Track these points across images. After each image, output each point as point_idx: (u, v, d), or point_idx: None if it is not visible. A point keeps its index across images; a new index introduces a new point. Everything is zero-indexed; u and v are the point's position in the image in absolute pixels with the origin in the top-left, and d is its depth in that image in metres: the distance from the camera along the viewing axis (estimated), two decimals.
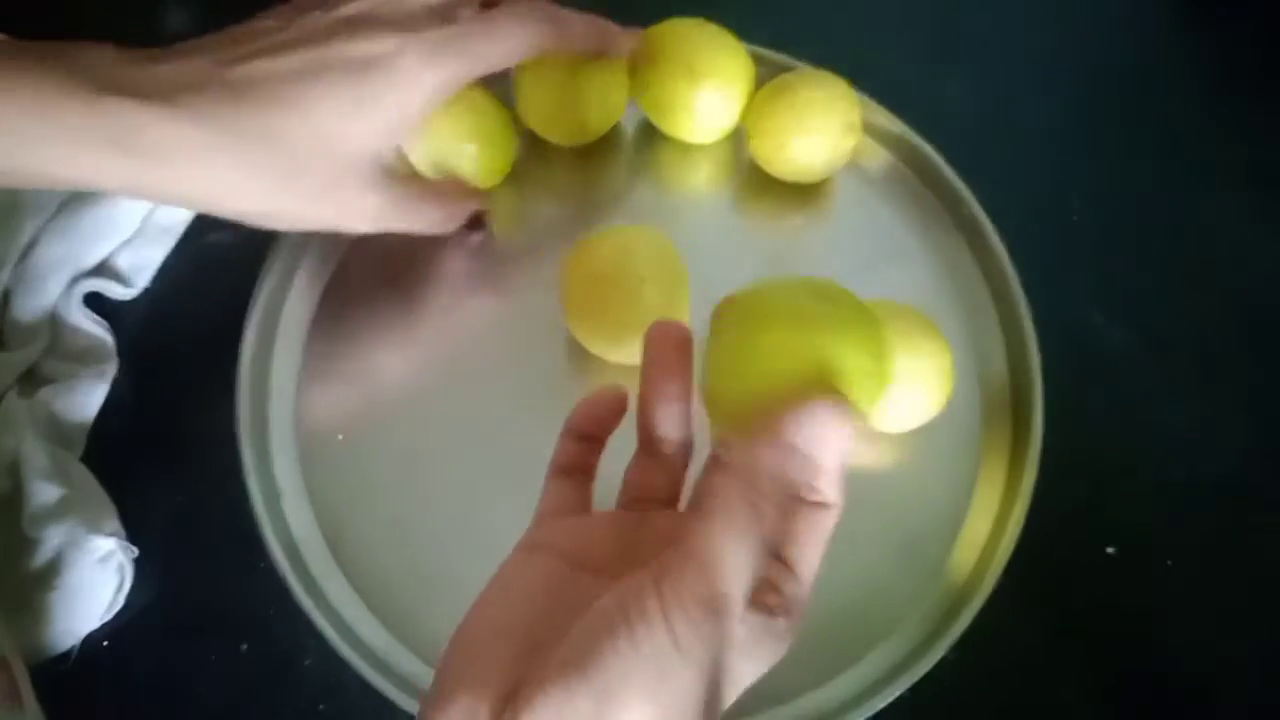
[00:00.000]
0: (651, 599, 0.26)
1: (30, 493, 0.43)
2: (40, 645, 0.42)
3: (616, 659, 0.26)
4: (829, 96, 0.50)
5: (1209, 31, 0.63)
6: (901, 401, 0.45)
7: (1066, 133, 0.58)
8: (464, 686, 0.27)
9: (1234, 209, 0.56)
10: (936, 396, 0.45)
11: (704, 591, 0.26)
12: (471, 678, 0.27)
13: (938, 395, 0.45)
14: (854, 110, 0.51)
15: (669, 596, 0.26)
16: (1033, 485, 0.45)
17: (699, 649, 0.26)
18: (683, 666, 0.26)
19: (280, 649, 0.43)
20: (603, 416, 0.36)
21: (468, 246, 0.52)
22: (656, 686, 0.26)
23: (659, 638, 0.26)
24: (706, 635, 0.26)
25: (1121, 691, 0.44)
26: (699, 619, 0.26)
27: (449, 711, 0.27)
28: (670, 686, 0.26)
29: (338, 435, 0.48)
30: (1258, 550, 0.47)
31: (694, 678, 0.26)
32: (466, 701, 0.27)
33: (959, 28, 0.62)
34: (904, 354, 0.43)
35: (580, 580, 0.30)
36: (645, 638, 0.26)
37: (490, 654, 0.28)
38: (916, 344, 0.44)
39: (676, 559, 0.27)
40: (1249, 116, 0.59)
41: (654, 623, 0.26)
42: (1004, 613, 0.43)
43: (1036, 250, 0.51)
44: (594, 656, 0.26)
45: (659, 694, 0.26)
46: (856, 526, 0.46)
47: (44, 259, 0.49)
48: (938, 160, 0.53)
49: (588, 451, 0.36)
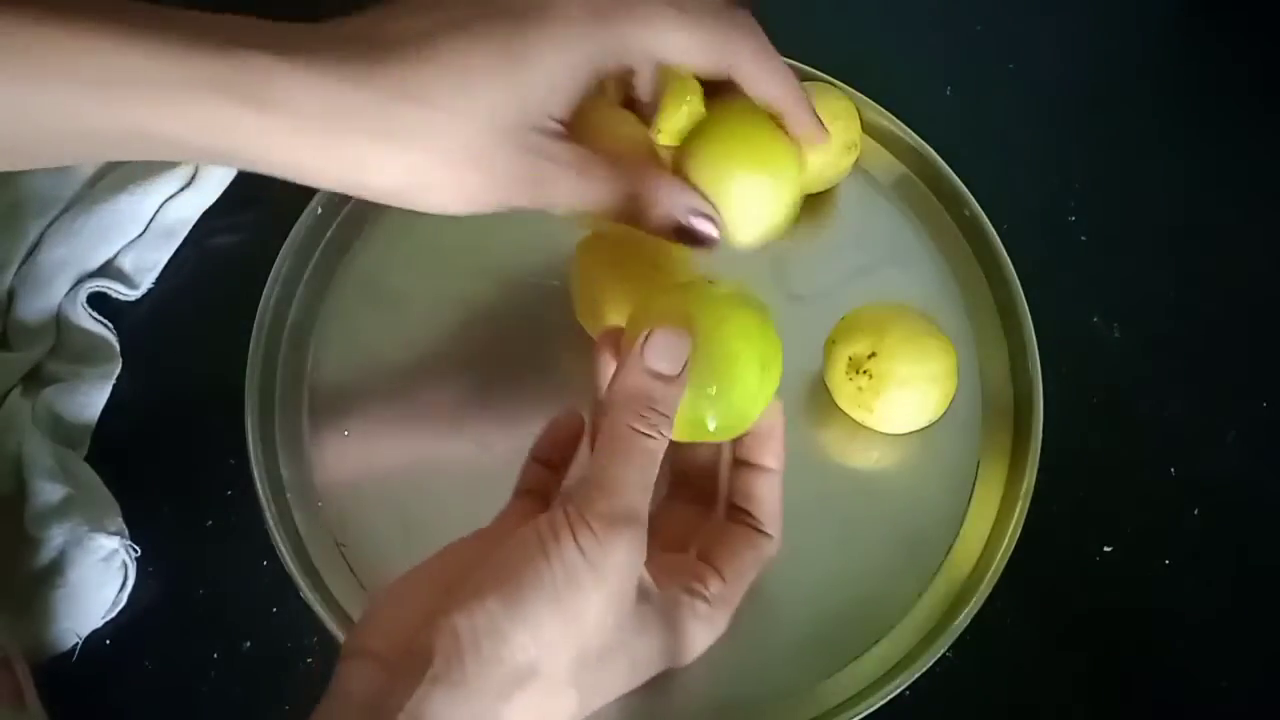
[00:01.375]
0: (561, 521, 0.30)
1: (33, 491, 0.43)
2: (43, 644, 0.42)
3: (531, 571, 0.29)
4: (830, 114, 0.51)
5: (1209, 31, 0.63)
6: (907, 404, 0.45)
7: (1066, 133, 0.58)
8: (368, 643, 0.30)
9: (1234, 209, 0.56)
10: (941, 399, 0.45)
11: (604, 509, 0.30)
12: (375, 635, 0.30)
13: (942, 398, 0.45)
14: (854, 128, 0.51)
15: (573, 515, 0.30)
16: (1033, 485, 0.45)
17: (606, 564, 0.29)
18: (591, 581, 0.29)
19: (283, 648, 0.43)
20: (562, 440, 0.38)
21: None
22: (565, 595, 0.29)
23: (568, 553, 0.29)
24: (611, 550, 0.30)
25: (1120, 690, 0.44)
26: (603, 532, 0.29)
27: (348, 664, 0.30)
28: (578, 597, 0.29)
29: (344, 431, 0.48)
30: (1256, 550, 0.47)
31: (603, 595, 0.30)
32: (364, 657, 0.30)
33: (959, 30, 0.62)
34: (911, 357, 0.44)
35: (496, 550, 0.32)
36: (555, 552, 0.29)
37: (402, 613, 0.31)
38: (923, 346, 0.44)
39: (579, 487, 0.31)
40: (1249, 117, 0.59)
41: (563, 539, 0.29)
42: (1003, 611, 0.43)
43: (1036, 250, 0.51)
44: (509, 571, 0.29)
45: (567, 602, 0.29)
46: (857, 524, 0.46)
47: (49, 260, 0.50)
48: (938, 162, 0.53)
49: (549, 477, 0.38)
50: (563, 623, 0.29)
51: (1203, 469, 0.48)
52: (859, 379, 0.45)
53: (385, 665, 0.29)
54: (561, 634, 0.29)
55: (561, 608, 0.29)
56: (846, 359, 0.45)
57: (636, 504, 0.31)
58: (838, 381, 0.46)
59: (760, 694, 0.42)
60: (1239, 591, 0.46)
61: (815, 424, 0.48)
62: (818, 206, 0.54)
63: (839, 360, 0.46)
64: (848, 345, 0.45)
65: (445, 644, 0.28)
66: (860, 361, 0.45)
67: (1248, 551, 0.47)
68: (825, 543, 0.46)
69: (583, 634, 0.30)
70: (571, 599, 0.29)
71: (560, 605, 0.29)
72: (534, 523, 0.30)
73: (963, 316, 0.51)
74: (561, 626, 0.29)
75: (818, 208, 0.54)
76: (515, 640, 0.28)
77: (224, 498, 0.46)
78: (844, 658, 0.43)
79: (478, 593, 0.29)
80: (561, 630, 0.29)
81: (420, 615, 0.30)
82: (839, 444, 0.48)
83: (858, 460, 0.48)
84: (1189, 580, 0.46)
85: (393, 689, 0.28)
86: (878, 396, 0.45)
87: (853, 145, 0.51)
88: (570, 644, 0.30)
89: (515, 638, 0.28)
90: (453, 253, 0.52)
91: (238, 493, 0.45)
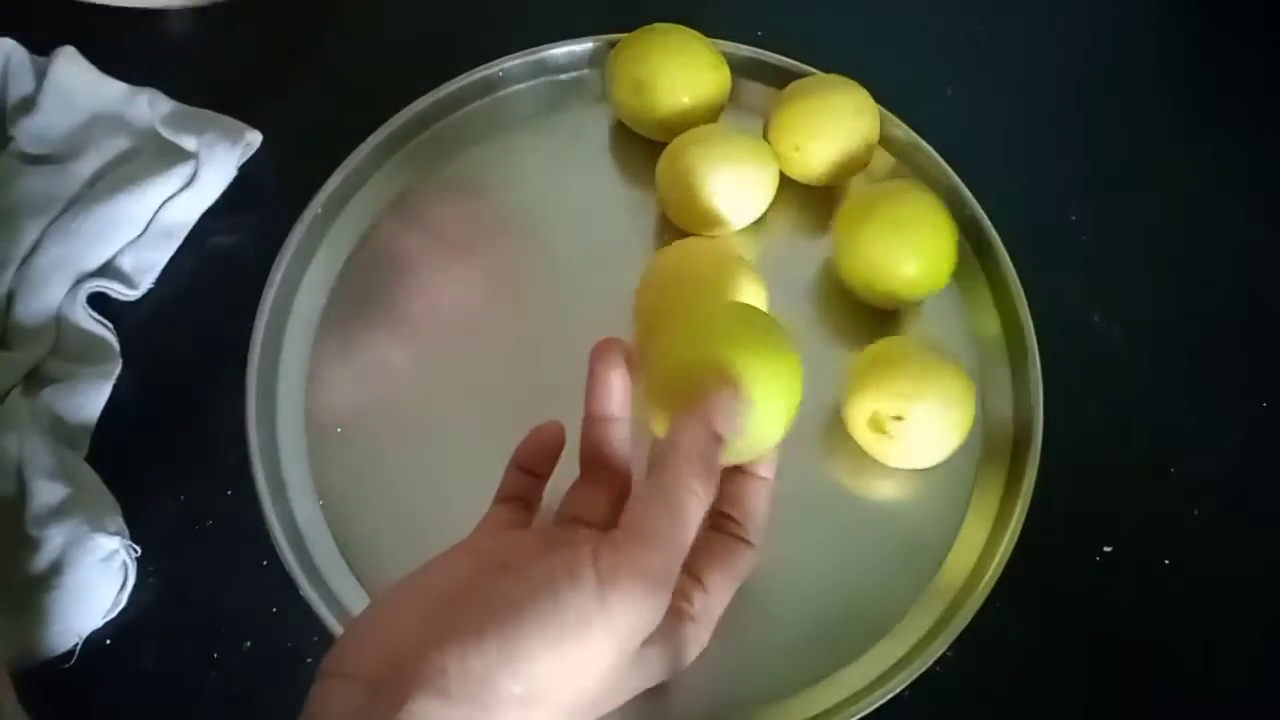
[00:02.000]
0: (587, 567, 0.28)
1: (33, 492, 0.43)
2: (42, 644, 0.42)
3: (534, 614, 0.27)
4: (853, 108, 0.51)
5: (1208, 31, 0.63)
6: (927, 451, 0.44)
7: (1065, 133, 0.58)
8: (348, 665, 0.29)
9: (1233, 209, 0.56)
10: (959, 439, 0.44)
11: (643, 564, 0.28)
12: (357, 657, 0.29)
13: (960, 438, 0.45)
14: (874, 126, 0.51)
15: (605, 565, 0.28)
16: (1033, 485, 0.45)
17: (624, 620, 0.28)
18: (604, 633, 0.27)
19: (283, 648, 0.43)
20: (542, 452, 0.38)
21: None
22: (570, 644, 0.27)
23: (584, 599, 0.27)
24: (636, 609, 0.28)
25: (1120, 690, 0.44)
26: (634, 591, 0.28)
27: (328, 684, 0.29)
28: (584, 648, 0.27)
29: (337, 429, 0.48)
30: (1255, 549, 0.47)
31: (609, 646, 0.28)
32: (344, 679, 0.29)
33: (958, 30, 0.62)
34: (937, 416, 0.43)
35: (495, 577, 0.30)
36: (570, 599, 0.27)
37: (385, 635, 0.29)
38: (948, 403, 0.44)
39: (617, 535, 0.29)
40: (1250, 116, 0.59)
41: (583, 582, 0.27)
42: (1003, 611, 0.43)
43: (1036, 250, 0.51)
44: (510, 610, 0.27)
45: (569, 651, 0.27)
46: (857, 524, 0.46)
47: (48, 260, 0.49)
48: (938, 161, 0.53)
49: (531, 486, 0.38)
50: (564, 670, 0.27)
51: (1203, 469, 0.48)
52: (882, 436, 0.44)
53: (363, 687, 0.28)
54: (561, 679, 0.28)
55: (563, 654, 0.27)
56: (870, 413, 0.44)
57: (675, 565, 0.29)
58: (856, 427, 0.45)
59: (760, 694, 0.42)
60: (1239, 591, 0.46)
61: (814, 435, 0.48)
62: (818, 205, 0.54)
63: (859, 410, 0.44)
64: (872, 400, 0.44)
65: (433, 680, 0.27)
66: (883, 421, 0.43)
67: (1248, 551, 0.47)
68: (825, 542, 0.46)
69: (585, 682, 0.28)
70: (577, 646, 0.27)
71: (562, 652, 0.27)
72: (548, 560, 0.29)
73: (962, 317, 0.51)
74: (563, 674, 0.28)
75: (818, 206, 0.54)
76: (505, 687, 0.27)
77: (224, 498, 0.46)
78: (844, 658, 0.43)
79: (476, 631, 0.27)
80: (561, 676, 0.28)
81: (405, 639, 0.28)
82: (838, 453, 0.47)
83: (858, 465, 0.47)
84: (1189, 580, 0.46)
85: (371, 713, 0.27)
86: (896, 448, 0.44)
87: (870, 142, 0.52)
88: (569, 690, 0.28)
89: (506, 684, 0.27)
90: (451, 253, 0.52)
91: (238, 493, 0.45)
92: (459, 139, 0.56)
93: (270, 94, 0.57)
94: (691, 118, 0.52)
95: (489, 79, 0.56)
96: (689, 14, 0.54)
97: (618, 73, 0.53)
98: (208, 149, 0.52)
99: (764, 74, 0.56)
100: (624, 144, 0.56)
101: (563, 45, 0.57)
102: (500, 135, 0.56)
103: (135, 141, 0.53)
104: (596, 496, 0.36)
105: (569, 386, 0.48)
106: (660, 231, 0.53)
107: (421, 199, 0.54)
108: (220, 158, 0.52)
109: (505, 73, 0.57)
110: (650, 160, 0.54)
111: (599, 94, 0.56)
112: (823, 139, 0.51)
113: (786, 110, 0.51)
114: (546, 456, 0.38)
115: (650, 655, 0.32)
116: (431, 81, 0.56)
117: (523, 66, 0.57)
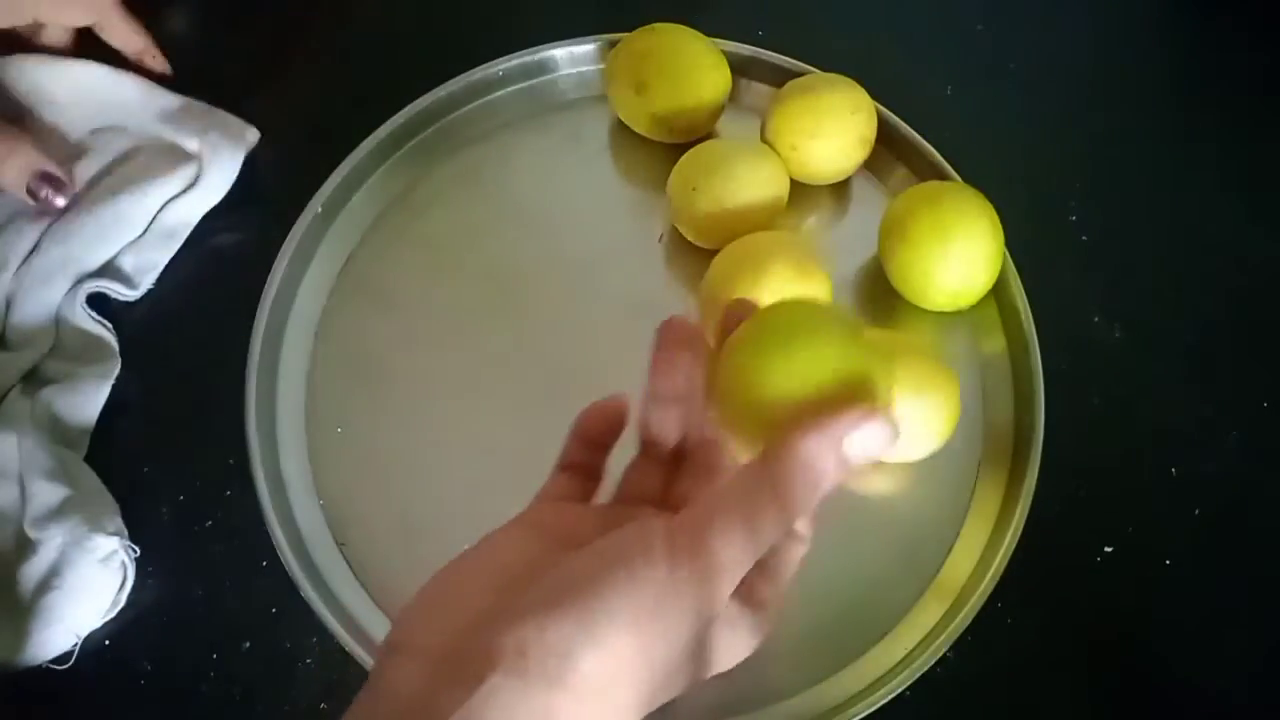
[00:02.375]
0: (660, 540, 0.27)
1: (32, 493, 0.43)
2: (41, 644, 0.42)
3: (612, 590, 0.26)
4: (850, 106, 0.51)
5: (1207, 32, 0.63)
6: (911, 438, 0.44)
7: (1066, 133, 0.58)
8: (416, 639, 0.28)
9: (1234, 209, 0.56)
10: (944, 425, 0.45)
11: (709, 551, 0.27)
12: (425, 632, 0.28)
13: (945, 424, 0.45)
14: (871, 123, 0.52)
15: (679, 542, 0.27)
16: (1034, 485, 0.45)
17: (691, 598, 0.27)
18: (676, 610, 0.27)
19: (282, 648, 0.43)
20: (601, 428, 0.36)
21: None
22: (646, 620, 0.26)
23: (659, 575, 0.27)
24: (699, 589, 0.27)
25: (1120, 690, 0.44)
26: (698, 573, 0.27)
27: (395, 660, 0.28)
28: (660, 624, 0.27)
29: (337, 429, 0.48)
30: (1256, 549, 0.47)
31: (682, 623, 0.27)
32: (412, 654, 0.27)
33: (959, 30, 0.62)
34: (907, 396, 0.43)
35: (559, 555, 0.30)
36: (645, 574, 0.27)
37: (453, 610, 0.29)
38: (918, 383, 0.44)
39: (692, 514, 0.28)
40: (1250, 116, 0.59)
41: (656, 562, 0.27)
42: (1003, 611, 0.43)
43: (1036, 250, 0.51)
44: (587, 586, 0.27)
45: (645, 627, 0.26)
46: (858, 525, 0.46)
47: (48, 260, 0.49)
48: (939, 161, 0.53)
49: (591, 456, 0.36)
50: (641, 647, 0.27)
51: (1203, 469, 0.48)
52: None
53: (432, 663, 0.27)
54: (637, 658, 0.27)
55: (641, 629, 0.26)
56: None
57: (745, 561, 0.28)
58: None
59: (761, 694, 0.42)
60: (1239, 591, 0.46)
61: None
62: (818, 204, 0.54)
63: None
64: None
65: (510, 658, 0.26)
66: None
67: (1248, 551, 0.47)
68: (826, 543, 0.45)
69: (660, 662, 0.27)
70: (654, 621, 0.27)
71: (640, 627, 0.26)
72: (621, 536, 0.28)
73: (964, 317, 0.51)
74: (639, 651, 0.27)
75: (818, 205, 0.54)
76: (586, 665, 0.26)
77: (224, 498, 0.46)
78: (845, 658, 0.43)
79: (554, 605, 0.26)
80: (638, 653, 0.27)
81: (472, 614, 0.28)
82: None
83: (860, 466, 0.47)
84: (1189, 580, 0.46)
85: (443, 690, 0.26)
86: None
87: (867, 140, 0.52)
88: (644, 671, 0.27)
89: (587, 662, 0.26)
90: (451, 253, 0.52)
91: (237, 493, 0.45)
92: (459, 139, 0.56)
93: (271, 94, 0.57)
94: (692, 117, 0.52)
95: (489, 79, 0.56)
96: (689, 14, 0.54)
97: (618, 73, 0.53)
98: (211, 150, 0.52)
99: (764, 74, 0.56)
100: (624, 144, 0.56)
101: (563, 45, 0.57)
102: (500, 135, 0.56)
103: (136, 141, 0.53)
104: (652, 474, 0.35)
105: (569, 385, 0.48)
106: (660, 231, 0.53)
107: (421, 199, 0.54)
108: (224, 159, 0.52)
109: (505, 73, 0.57)
110: (650, 160, 0.54)
111: (599, 94, 0.56)
112: (820, 137, 0.51)
113: (783, 109, 0.51)
114: (610, 428, 0.36)
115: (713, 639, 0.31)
116: (431, 81, 0.56)
117: (523, 66, 0.57)
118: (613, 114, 0.55)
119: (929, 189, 0.49)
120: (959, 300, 0.48)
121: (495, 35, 0.58)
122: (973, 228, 0.47)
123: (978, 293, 0.48)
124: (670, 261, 0.52)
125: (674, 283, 0.52)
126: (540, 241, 0.53)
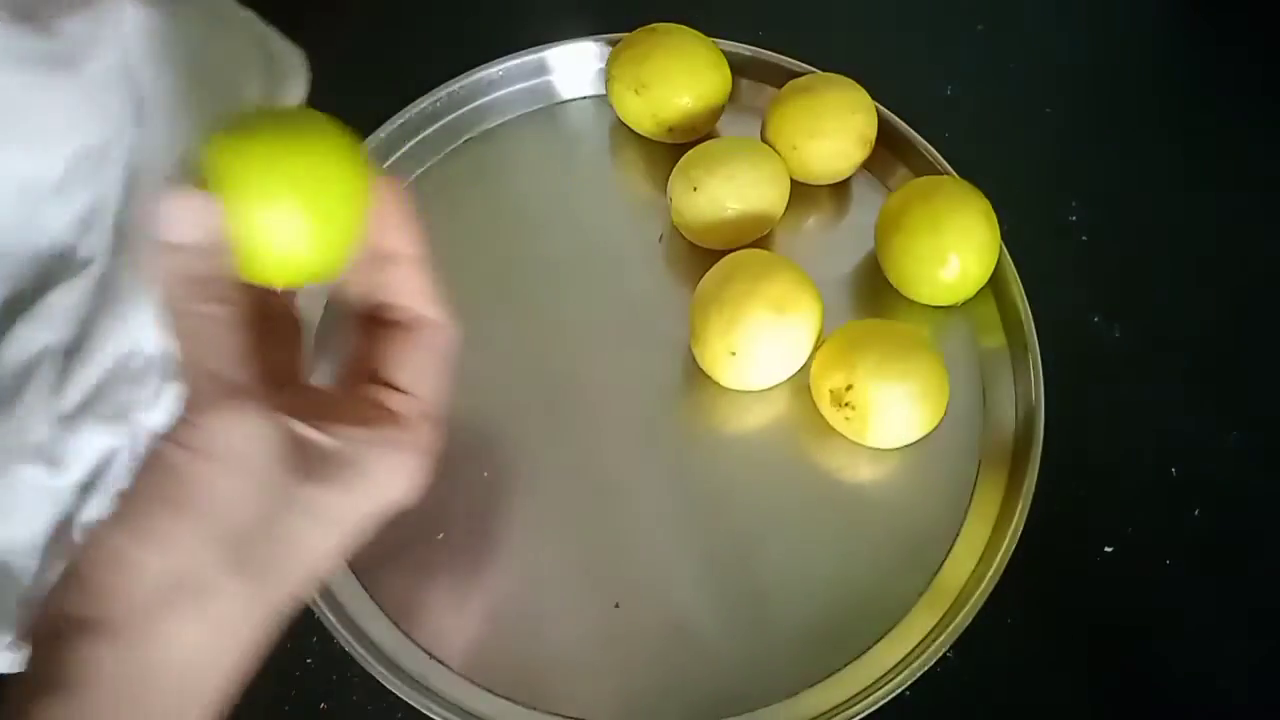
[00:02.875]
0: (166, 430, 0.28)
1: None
2: None
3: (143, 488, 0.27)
4: (849, 106, 0.51)
5: (1209, 31, 0.63)
6: (897, 423, 0.45)
7: (1066, 133, 0.58)
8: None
9: (1234, 209, 0.56)
10: (931, 412, 0.45)
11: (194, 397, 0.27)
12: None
13: (932, 411, 0.45)
14: (871, 123, 0.52)
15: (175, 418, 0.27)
16: (1034, 485, 0.45)
17: (218, 447, 0.27)
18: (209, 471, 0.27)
19: (282, 649, 0.43)
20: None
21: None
22: (182, 497, 0.27)
23: (172, 454, 0.27)
24: (219, 431, 0.27)
25: (1120, 690, 0.44)
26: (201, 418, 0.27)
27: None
28: (198, 493, 0.27)
29: None
30: (1256, 550, 0.47)
31: (231, 480, 0.27)
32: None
33: (959, 30, 0.62)
34: (890, 381, 0.44)
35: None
36: (159, 460, 0.27)
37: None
38: (901, 368, 0.44)
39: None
40: (1249, 116, 0.59)
41: (165, 443, 0.27)
42: (1004, 611, 0.43)
43: (1036, 250, 0.51)
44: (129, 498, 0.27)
45: (185, 503, 0.27)
46: (858, 525, 0.46)
47: None
48: (939, 161, 0.53)
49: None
50: (191, 524, 0.27)
51: (1203, 469, 0.48)
52: (844, 410, 0.45)
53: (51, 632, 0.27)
54: (192, 534, 0.27)
55: (182, 510, 0.27)
56: (828, 393, 0.45)
57: (226, 375, 0.28)
58: (827, 411, 0.46)
59: (761, 694, 0.42)
60: (1239, 591, 0.46)
61: (813, 431, 0.48)
62: (819, 203, 0.54)
63: (822, 393, 0.46)
64: (826, 379, 0.45)
65: (74, 595, 0.26)
66: (840, 395, 0.45)
67: (1248, 551, 0.47)
68: (826, 543, 0.46)
69: (218, 525, 0.27)
70: (190, 498, 0.27)
71: (180, 508, 0.27)
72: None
73: (963, 317, 0.51)
74: (191, 527, 0.27)
75: (818, 204, 0.54)
76: (148, 564, 0.26)
77: None
78: (845, 658, 0.43)
79: (106, 532, 0.27)
80: (191, 531, 0.27)
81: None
82: (838, 450, 0.47)
83: (859, 464, 0.47)
84: (1189, 580, 0.46)
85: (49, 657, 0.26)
86: (866, 424, 0.45)
87: (867, 140, 0.52)
88: (208, 539, 0.27)
89: (148, 561, 0.26)
90: (451, 252, 0.52)
91: None
92: (459, 139, 0.56)
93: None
94: (692, 118, 0.52)
95: (489, 79, 0.56)
96: (689, 14, 0.54)
97: (618, 73, 0.53)
98: None
99: (764, 74, 0.56)
100: (624, 144, 0.56)
101: (563, 45, 0.57)
102: (500, 135, 0.56)
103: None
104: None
105: (569, 385, 0.48)
106: (660, 231, 0.53)
107: (421, 198, 0.54)
108: None
109: (505, 73, 0.57)
110: (650, 160, 0.54)
111: (599, 94, 0.57)
112: (820, 137, 0.51)
113: (783, 109, 0.52)
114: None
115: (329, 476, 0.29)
116: (432, 81, 0.56)
117: (522, 66, 0.57)
118: (613, 114, 0.55)
119: (923, 183, 0.50)
120: (954, 293, 0.48)
121: (495, 35, 0.58)
122: (965, 218, 0.47)
123: (972, 284, 0.48)
124: (670, 261, 0.52)
125: (674, 283, 0.52)
126: (540, 241, 0.53)
